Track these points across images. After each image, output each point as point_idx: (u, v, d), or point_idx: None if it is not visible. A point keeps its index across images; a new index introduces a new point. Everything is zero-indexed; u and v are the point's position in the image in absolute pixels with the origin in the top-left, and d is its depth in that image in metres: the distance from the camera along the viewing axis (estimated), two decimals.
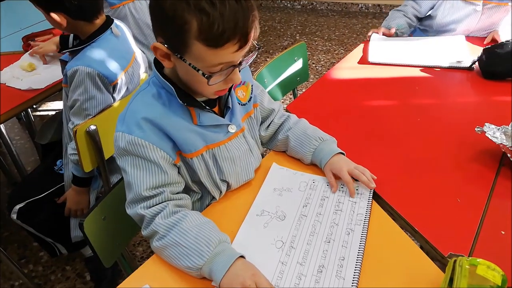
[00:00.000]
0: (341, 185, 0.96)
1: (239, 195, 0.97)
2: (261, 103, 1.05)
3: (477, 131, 1.01)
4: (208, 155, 0.89)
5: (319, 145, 1.00)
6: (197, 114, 0.86)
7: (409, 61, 1.57)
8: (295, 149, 1.03)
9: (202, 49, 0.72)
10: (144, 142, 0.80)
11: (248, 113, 0.99)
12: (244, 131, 0.95)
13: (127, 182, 0.83)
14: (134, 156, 0.81)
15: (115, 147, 0.84)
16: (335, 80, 1.54)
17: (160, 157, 0.82)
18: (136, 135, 0.80)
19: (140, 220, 0.83)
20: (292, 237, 0.83)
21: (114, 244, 1.05)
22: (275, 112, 1.08)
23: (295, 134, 1.04)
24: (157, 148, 0.81)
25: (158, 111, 0.82)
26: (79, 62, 1.23)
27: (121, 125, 0.82)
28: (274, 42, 3.86)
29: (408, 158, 1.07)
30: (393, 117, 1.26)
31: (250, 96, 0.99)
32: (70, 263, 1.74)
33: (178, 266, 0.77)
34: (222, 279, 0.72)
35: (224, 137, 0.91)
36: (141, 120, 0.80)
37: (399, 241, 0.82)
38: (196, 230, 0.78)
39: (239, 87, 0.97)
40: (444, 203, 0.92)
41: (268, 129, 1.08)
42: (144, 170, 0.81)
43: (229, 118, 0.92)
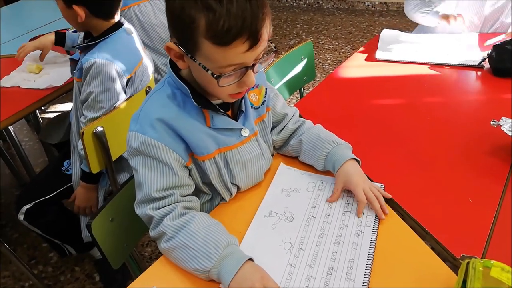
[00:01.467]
0: None
1: (247, 196, 0.96)
2: (274, 107, 1.02)
3: (493, 124, 1.00)
4: (220, 158, 0.88)
5: (332, 148, 0.96)
6: (211, 117, 0.85)
7: (417, 59, 1.55)
8: (307, 153, 0.99)
9: (211, 48, 0.71)
10: (157, 143, 0.79)
11: (261, 116, 0.97)
12: (257, 135, 0.94)
13: (138, 182, 0.83)
14: (147, 156, 0.81)
15: (128, 146, 0.83)
16: (342, 78, 1.52)
17: (173, 159, 0.81)
18: (149, 135, 0.79)
19: (148, 221, 0.83)
20: (301, 238, 0.82)
21: (122, 246, 1.05)
22: (289, 117, 1.05)
23: (308, 137, 1.00)
24: (170, 149, 0.81)
25: (173, 112, 0.82)
26: (96, 55, 1.26)
27: (134, 125, 0.82)
28: (280, 41, 3.84)
29: (418, 157, 1.06)
30: (402, 115, 1.25)
31: (264, 99, 0.97)
32: (79, 264, 1.75)
33: (186, 268, 0.77)
34: (230, 282, 0.71)
35: (237, 141, 0.90)
36: (155, 120, 0.80)
37: (410, 242, 0.81)
38: (205, 232, 0.78)
39: (252, 90, 0.95)
40: (455, 203, 0.90)
41: (281, 134, 1.04)
42: (155, 171, 0.81)
43: (242, 121, 0.91)
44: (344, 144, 0.98)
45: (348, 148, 0.98)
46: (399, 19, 4.16)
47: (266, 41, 0.74)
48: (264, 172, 0.99)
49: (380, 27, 3.91)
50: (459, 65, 1.48)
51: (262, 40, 0.72)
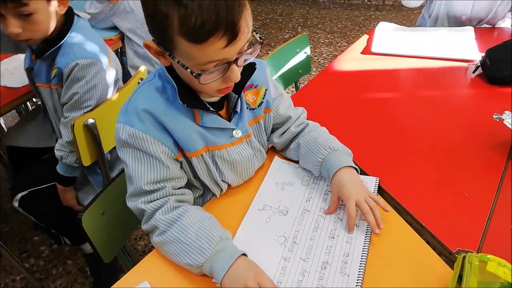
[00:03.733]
0: None
1: (241, 189, 0.95)
2: (276, 109, 0.97)
3: (495, 118, 1.00)
4: (208, 156, 0.86)
5: (328, 155, 0.89)
6: (200, 115, 0.82)
7: (414, 52, 1.54)
8: (304, 157, 0.95)
9: (187, 46, 0.66)
10: (145, 135, 0.77)
11: (257, 118, 0.93)
12: (250, 137, 0.91)
13: (128, 175, 0.81)
14: (135, 149, 0.79)
15: (116, 138, 0.81)
16: (338, 72, 1.51)
17: (161, 151, 0.79)
18: (137, 128, 0.77)
19: (140, 214, 0.81)
20: (295, 232, 0.81)
21: (114, 239, 1.03)
22: (292, 120, 0.99)
23: (305, 141, 0.95)
24: (158, 142, 0.78)
25: (160, 106, 0.79)
26: (73, 56, 1.19)
27: (123, 116, 0.80)
28: (276, 35, 3.82)
29: (414, 151, 1.05)
30: (398, 109, 1.24)
31: (262, 101, 0.92)
32: (71, 258, 1.73)
33: (178, 263, 0.76)
34: (223, 278, 0.70)
35: (227, 141, 0.87)
36: (142, 111, 0.78)
37: (405, 237, 0.80)
38: (197, 226, 0.76)
39: (249, 90, 0.91)
40: (451, 197, 0.90)
41: (282, 137, 0.99)
42: (145, 164, 0.79)
43: (235, 122, 0.87)
44: (342, 150, 0.91)
45: (346, 154, 0.91)
46: (395, 13, 4.15)
47: (247, 34, 0.69)
48: (255, 170, 0.97)
49: (376, 21, 3.90)
50: (456, 59, 1.47)
51: (242, 33, 0.67)
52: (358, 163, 0.99)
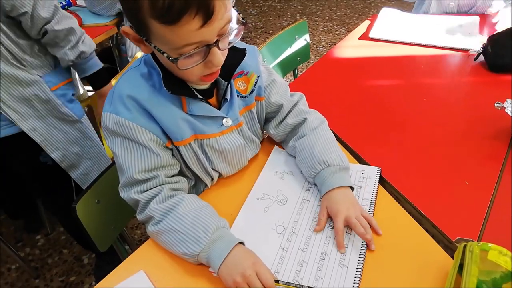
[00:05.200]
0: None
1: (236, 179, 0.93)
2: (268, 97, 0.93)
3: (497, 106, 0.99)
4: (196, 145, 0.83)
5: (321, 171, 0.84)
6: (188, 102, 0.79)
7: (415, 40, 1.51)
8: (299, 163, 0.91)
9: (160, 28, 0.63)
10: (131, 124, 0.74)
11: (248, 106, 0.90)
12: (241, 126, 0.88)
13: (119, 165, 0.79)
14: (123, 137, 0.76)
15: (103, 127, 0.79)
16: (338, 59, 1.48)
17: (149, 139, 0.77)
18: (123, 116, 0.74)
19: (134, 204, 0.80)
20: (294, 222, 0.80)
21: (110, 228, 1.02)
22: (285, 109, 0.94)
23: (301, 147, 0.90)
24: (146, 130, 0.76)
25: (145, 93, 0.76)
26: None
27: (109, 105, 0.77)
28: (274, 22, 3.77)
29: (414, 139, 1.03)
30: (398, 96, 1.22)
31: (253, 88, 0.89)
32: (67, 247, 1.72)
33: (174, 252, 0.74)
34: (220, 267, 0.69)
35: (216, 130, 0.84)
36: (126, 97, 0.75)
37: (406, 226, 0.79)
38: (193, 215, 0.74)
39: (240, 77, 0.87)
40: (451, 186, 0.89)
41: (279, 128, 0.95)
42: (134, 153, 0.77)
43: (225, 111, 0.84)
44: (338, 164, 0.84)
45: (342, 170, 0.84)
46: (395, 1, 4.10)
47: (225, 13, 0.64)
48: (249, 159, 0.94)
49: (375, 9, 3.86)
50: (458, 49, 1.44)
51: (218, 12, 0.62)
52: (358, 152, 0.98)
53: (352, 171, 0.91)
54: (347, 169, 0.86)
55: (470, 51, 1.38)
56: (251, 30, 3.62)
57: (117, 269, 0.76)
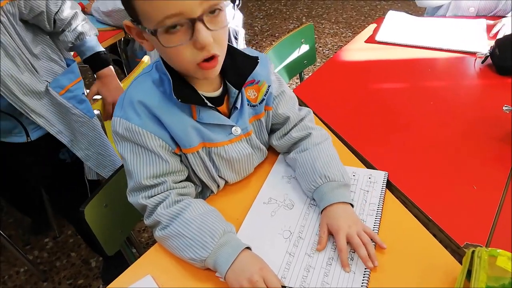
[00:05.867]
0: (352, 174, 0.91)
1: (245, 183, 0.93)
2: (276, 108, 0.92)
3: (505, 110, 0.99)
4: (204, 153, 0.83)
5: (321, 186, 0.82)
6: (198, 110, 0.79)
7: (421, 43, 1.50)
8: (299, 177, 0.89)
9: (141, 4, 0.64)
10: (141, 130, 0.75)
11: (258, 115, 0.89)
12: (250, 135, 0.88)
13: (127, 169, 0.79)
14: (133, 143, 0.77)
15: (113, 132, 0.79)
16: (344, 62, 1.48)
17: (159, 145, 0.77)
18: (133, 122, 0.75)
19: (142, 209, 0.80)
20: (301, 227, 0.80)
21: (117, 232, 1.03)
22: (291, 122, 0.93)
23: (302, 160, 0.88)
24: (155, 136, 0.76)
25: (156, 99, 0.76)
26: None
27: (119, 110, 0.78)
28: (280, 25, 3.78)
29: (421, 143, 1.03)
30: (405, 100, 1.21)
31: (263, 98, 0.88)
32: (75, 250, 1.73)
33: (181, 257, 0.75)
34: (227, 272, 0.69)
35: (225, 139, 0.84)
36: (137, 103, 0.75)
37: (413, 230, 0.78)
38: (200, 220, 0.75)
39: (250, 86, 0.86)
40: (459, 190, 0.88)
41: (282, 140, 0.94)
42: (143, 158, 0.77)
43: (235, 119, 0.84)
44: (339, 180, 0.82)
45: (342, 187, 0.82)
46: (401, 3, 4.09)
47: None
48: (255, 166, 0.94)
49: (381, 11, 3.85)
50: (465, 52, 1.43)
51: None
52: (365, 156, 0.98)
53: (359, 175, 0.90)
54: (348, 186, 0.85)
55: (477, 54, 1.37)
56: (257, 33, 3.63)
57: (125, 273, 0.76)
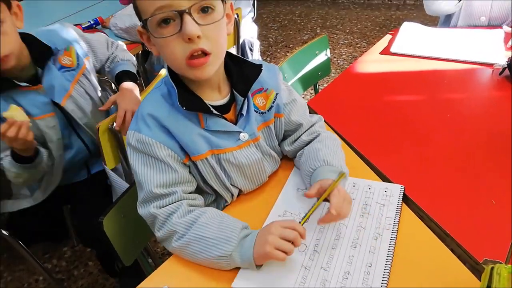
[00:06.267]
0: (368, 187, 0.91)
1: (259, 194, 0.94)
2: (288, 115, 0.94)
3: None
4: (213, 160, 0.85)
5: (319, 167, 0.86)
6: (204, 118, 0.82)
7: (436, 54, 1.50)
8: (301, 167, 0.93)
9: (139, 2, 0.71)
10: (151, 140, 0.79)
11: (266, 122, 0.91)
12: (258, 141, 0.89)
13: (138, 181, 0.82)
14: (144, 154, 0.80)
15: (127, 144, 0.83)
16: (359, 73, 1.48)
17: (168, 155, 0.80)
18: (144, 133, 0.79)
19: (152, 221, 0.81)
20: (316, 240, 0.80)
21: (134, 242, 1.04)
22: (304, 128, 0.96)
23: (307, 151, 0.93)
24: (164, 146, 0.79)
25: (165, 111, 0.80)
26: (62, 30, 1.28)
27: (134, 124, 0.82)
28: (294, 36, 3.79)
29: (438, 156, 1.02)
30: (421, 112, 1.21)
31: (272, 105, 0.90)
32: (92, 259, 1.75)
33: (205, 260, 0.76)
34: (253, 255, 0.72)
35: (233, 145, 0.85)
36: (147, 116, 0.79)
37: (430, 246, 0.78)
38: (218, 221, 0.78)
39: (259, 94, 0.89)
40: (477, 205, 0.87)
41: (294, 145, 0.96)
42: (153, 168, 0.80)
43: (242, 125, 0.86)
44: (340, 167, 0.87)
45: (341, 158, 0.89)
46: (416, 13, 4.07)
47: None
48: (269, 174, 0.95)
49: (396, 22, 3.83)
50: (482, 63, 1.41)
51: None
52: (381, 169, 0.98)
53: (375, 188, 0.90)
54: (346, 179, 0.87)
55: (494, 65, 1.36)
56: (271, 44, 3.66)
57: (142, 285, 0.77)
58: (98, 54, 1.35)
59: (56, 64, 1.19)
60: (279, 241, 0.71)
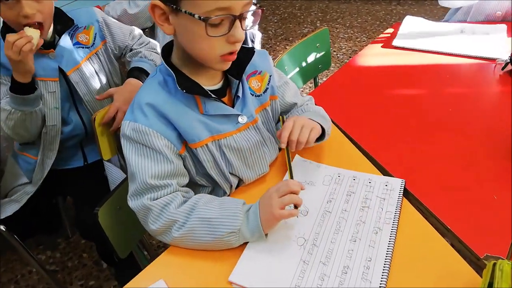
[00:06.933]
0: (368, 181, 0.90)
1: (258, 185, 0.92)
2: (282, 97, 0.98)
3: None
4: (214, 146, 0.84)
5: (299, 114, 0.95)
6: (203, 103, 0.82)
7: (438, 48, 1.48)
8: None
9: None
10: (148, 129, 0.77)
11: (263, 105, 0.93)
12: (257, 122, 0.89)
13: (131, 172, 0.80)
14: (139, 143, 0.79)
15: (121, 135, 0.81)
16: (360, 67, 1.47)
17: (164, 145, 0.78)
18: (140, 122, 0.77)
19: (144, 214, 0.79)
20: (315, 234, 0.78)
21: (130, 235, 1.03)
22: (298, 106, 1.02)
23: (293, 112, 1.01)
24: (161, 136, 0.78)
25: (162, 98, 0.80)
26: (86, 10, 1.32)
27: (129, 114, 0.81)
28: (294, 29, 3.76)
29: (439, 151, 1.01)
30: (422, 106, 1.19)
31: (266, 87, 0.93)
32: (87, 251, 1.74)
33: (213, 241, 0.75)
34: (261, 223, 0.74)
35: (233, 128, 0.86)
36: (145, 105, 0.78)
37: (431, 241, 0.77)
38: (218, 201, 0.79)
39: (253, 76, 0.91)
40: (479, 200, 0.86)
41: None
42: (148, 158, 0.78)
43: (239, 108, 0.87)
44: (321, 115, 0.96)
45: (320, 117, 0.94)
46: (417, 7, 4.04)
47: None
48: (269, 162, 0.94)
49: (397, 16, 3.80)
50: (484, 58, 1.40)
51: None
52: (382, 163, 0.96)
53: (376, 182, 0.89)
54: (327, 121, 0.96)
55: (497, 60, 1.34)
56: (271, 37, 3.63)
57: (137, 278, 0.76)
58: (116, 40, 1.35)
59: (73, 40, 1.25)
60: (281, 200, 0.74)
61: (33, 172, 1.32)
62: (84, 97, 1.28)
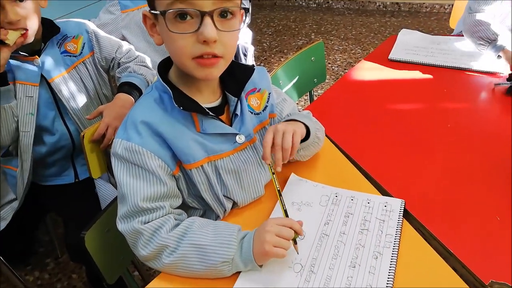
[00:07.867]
0: (367, 201, 0.86)
1: (251, 210, 0.89)
2: (280, 113, 0.95)
3: None
4: (209, 167, 0.81)
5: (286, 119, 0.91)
6: (200, 121, 0.79)
7: (435, 61, 1.47)
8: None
9: None
10: (141, 149, 0.73)
11: (262, 123, 0.90)
12: (255, 142, 0.87)
13: (121, 194, 0.76)
14: (131, 163, 0.75)
15: (112, 154, 0.77)
16: (356, 81, 1.44)
17: (158, 166, 0.75)
18: (133, 141, 0.74)
19: (135, 238, 0.75)
20: (312, 260, 0.75)
21: (119, 258, 0.98)
22: None
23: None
24: (155, 156, 0.74)
25: (158, 116, 0.76)
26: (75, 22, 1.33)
27: (122, 132, 0.77)
28: (289, 41, 3.77)
29: (439, 168, 0.98)
30: (420, 122, 1.17)
31: (266, 105, 0.91)
32: (76, 271, 1.68)
33: (205, 269, 0.71)
34: (253, 255, 0.70)
35: (230, 148, 0.83)
36: (139, 124, 0.75)
37: (433, 265, 0.73)
38: (212, 226, 0.75)
39: (252, 94, 0.89)
40: (482, 222, 0.83)
41: None
42: (141, 179, 0.75)
43: (237, 127, 0.84)
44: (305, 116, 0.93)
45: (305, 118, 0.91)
46: (411, 19, 4.07)
47: None
48: (264, 185, 0.91)
49: (391, 28, 3.82)
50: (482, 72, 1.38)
51: None
52: (380, 182, 0.94)
53: (374, 203, 0.86)
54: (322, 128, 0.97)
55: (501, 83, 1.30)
56: (265, 50, 3.62)
57: None
58: (103, 51, 1.35)
59: (61, 48, 1.26)
60: (276, 238, 0.70)
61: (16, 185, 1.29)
62: (67, 104, 1.26)
